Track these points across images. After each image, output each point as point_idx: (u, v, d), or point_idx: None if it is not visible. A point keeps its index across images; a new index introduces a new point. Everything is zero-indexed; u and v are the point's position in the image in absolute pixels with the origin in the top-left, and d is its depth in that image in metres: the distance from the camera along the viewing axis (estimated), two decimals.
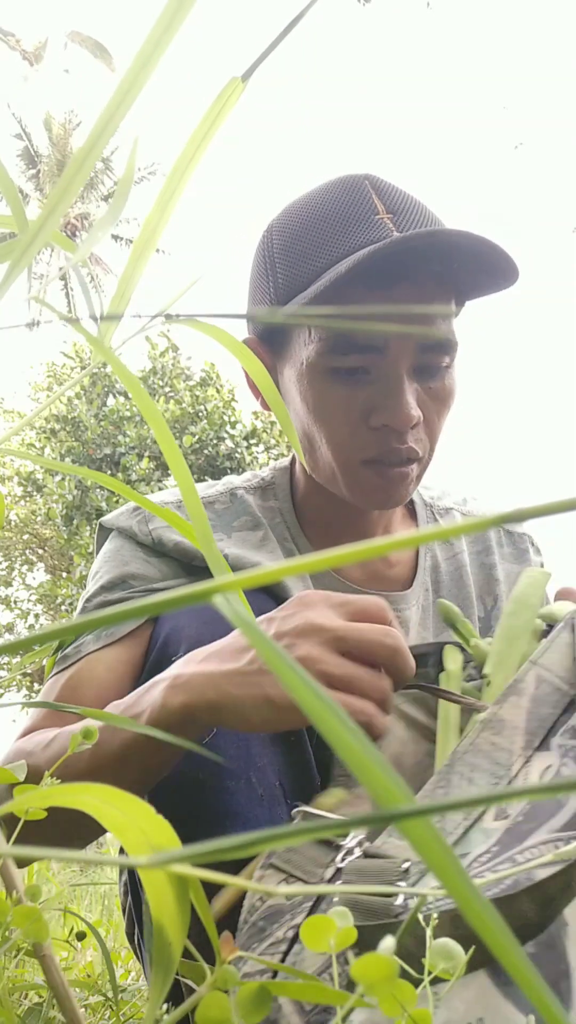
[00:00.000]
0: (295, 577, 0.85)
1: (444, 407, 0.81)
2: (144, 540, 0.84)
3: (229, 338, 0.41)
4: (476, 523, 0.17)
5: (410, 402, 0.77)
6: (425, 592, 0.92)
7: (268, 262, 0.83)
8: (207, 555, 0.28)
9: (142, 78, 0.28)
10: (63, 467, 0.41)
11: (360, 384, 0.78)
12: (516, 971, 0.14)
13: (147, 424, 6.13)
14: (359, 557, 0.17)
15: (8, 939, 0.39)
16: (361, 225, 0.77)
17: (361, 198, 0.79)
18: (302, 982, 0.33)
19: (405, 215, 0.78)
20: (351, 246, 0.76)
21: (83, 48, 21.35)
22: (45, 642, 0.19)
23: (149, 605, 0.18)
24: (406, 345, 0.76)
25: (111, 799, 0.26)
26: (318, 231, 0.79)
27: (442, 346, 0.78)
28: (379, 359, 0.77)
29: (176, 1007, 0.41)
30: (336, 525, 0.90)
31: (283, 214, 0.84)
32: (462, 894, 0.14)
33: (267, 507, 0.91)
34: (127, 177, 0.36)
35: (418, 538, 0.17)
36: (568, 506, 0.17)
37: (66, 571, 10.70)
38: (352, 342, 0.76)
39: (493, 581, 0.95)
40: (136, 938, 0.82)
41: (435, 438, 0.82)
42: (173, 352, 10.65)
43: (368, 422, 0.78)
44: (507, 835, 0.46)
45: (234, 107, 0.36)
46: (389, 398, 0.77)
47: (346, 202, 0.79)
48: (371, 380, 0.78)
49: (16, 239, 0.30)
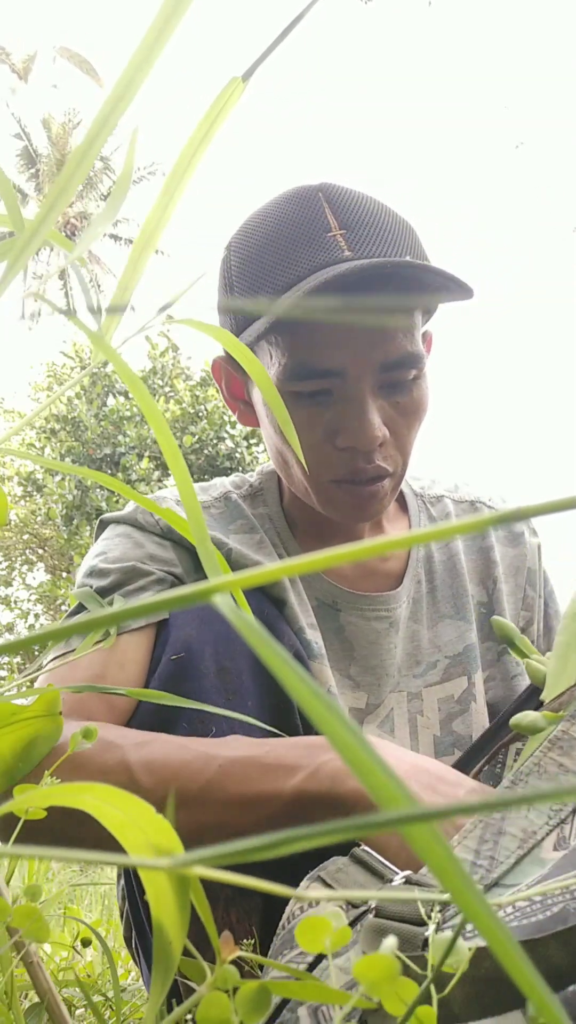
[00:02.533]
0: (286, 580, 0.85)
1: (415, 420, 0.80)
2: (153, 529, 0.84)
3: (229, 338, 0.41)
4: (475, 523, 0.17)
5: (373, 423, 0.76)
6: (417, 584, 0.92)
7: (228, 282, 0.82)
8: (202, 554, 0.28)
9: (141, 74, 0.28)
10: (63, 467, 0.41)
11: (324, 406, 0.77)
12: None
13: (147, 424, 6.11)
14: (352, 558, 0.17)
15: (8, 939, 0.39)
16: (312, 245, 0.75)
17: (313, 214, 0.77)
18: (303, 983, 0.33)
19: (358, 229, 0.76)
20: (303, 269, 0.75)
21: (71, 64, 21.41)
22: (45, 642, 0.19)
23: (151, 604, 0.18)
24: (365, 365, 0.75)
25: (111, 799, 0.26)
26: (270, 252, 0.78)
27: (404, 361, 0.77)
28: (340, 381, 0.76)
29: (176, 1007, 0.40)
30: (325, 527, 0.90)
31: (240, 231, 0.83)
32: (462, 897, 0.14)
33: (257, 514, 0.91)
34: (126, 171, 0.36)
35: (411, 539, 0.17)
36: (568, 505, 0.17)
37: (66, 571, 10.70)
38: (310, 367, 0.76)
39: (492, 564, 0.95)
40: (134, 943, 0.82)
41: (407, 452, 0.81)
42: (173, 352, 10.65)
43: (334, 443, 0.78)
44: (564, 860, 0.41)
45: (235, 107, 0.36)
46: (352, 420, 0.76)
47: (298, 219, 0.77)
48: (334, 402, 0.77)
49: (14, 238, 0.30)
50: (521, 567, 0.96)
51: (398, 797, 0.15)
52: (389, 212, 0.80)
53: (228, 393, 0.90)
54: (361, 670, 0.87)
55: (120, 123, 0.29)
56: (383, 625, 0.88)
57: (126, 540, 0.83)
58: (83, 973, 0.95)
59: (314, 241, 0.76)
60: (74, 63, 21.39)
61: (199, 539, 0.29)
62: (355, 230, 0.76)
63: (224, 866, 0.19)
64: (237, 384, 0.88)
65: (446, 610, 0.91)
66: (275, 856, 0.17)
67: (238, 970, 0.31)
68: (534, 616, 0.96)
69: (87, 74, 21.26)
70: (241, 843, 0.16)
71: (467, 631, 0.90)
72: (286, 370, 0.76)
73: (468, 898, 0.14)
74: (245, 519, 0.89)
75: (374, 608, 0.88)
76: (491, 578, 0.94)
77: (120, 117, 0.28)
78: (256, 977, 0.44)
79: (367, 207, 0.79)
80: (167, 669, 0.73)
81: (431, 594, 0.92)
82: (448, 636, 0.90)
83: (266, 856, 0.16)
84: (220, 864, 0.17)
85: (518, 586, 0.96)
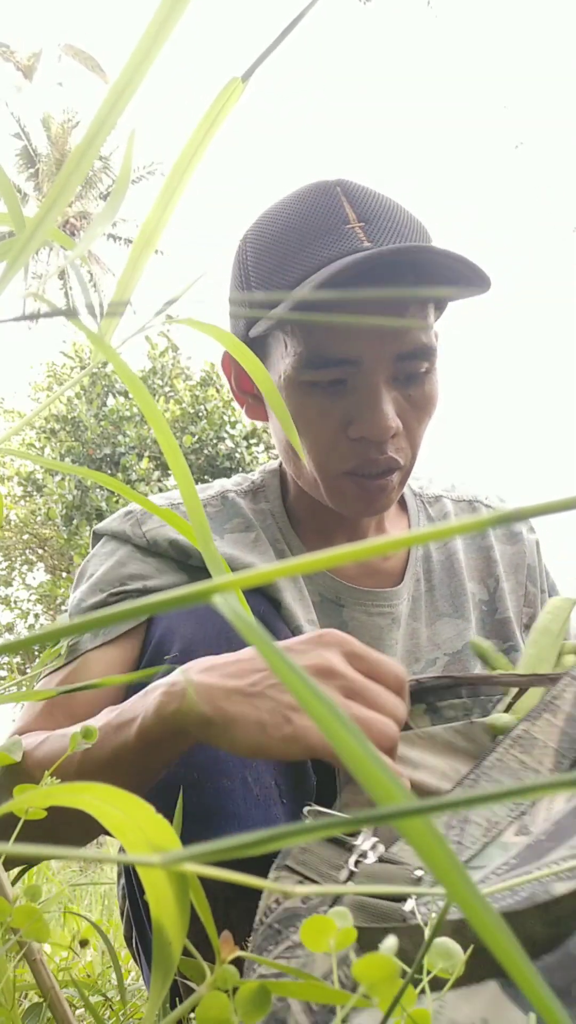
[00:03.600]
0: (287, 578, 0.85)
1: (425, 414, 0.80)
2: (139, 543, 0.84)
3: (229, 338, 0.41)
4: (475, 523, 0.17)
5: (388, 413, 0.76)
6: (416, 583, 0.92)
7: (243, 275, 0.82)
8: (206, 555, 0.28)
9: (140, 73, 0.28)
10: (63, 467, 0.41)
11: (338, 396, 0.77)
12: (517, 973, 0.13)
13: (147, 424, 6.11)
14: (352, 558, 0.17)
15: (8, 940, 0.39)
16: (331, 236, 0.76)
17: (332, 206, 0.77)
18: (303, 982, 0.33)
19: (376, 222, 0.76)
20: (321, 259, 0.75)
21: (76, 61, 21.40)
22: (45, 642, 0.19)
23: (147, 605, 0.18)
24: (381, 355, 0.76)
25: (111, 799, 0.26)
26: (288, 243, 0.78)
27: (419, 353, 0.77)
28: (354, 371, 0.76)
29: (176, 1006, 0.40)
30: (328, 524, 0.90)
31: (256, 224, 0.84)
32: (459, 892, 0.14)
33: (258, 510, 0.91)
34: (125, 171, 0.36)
35: (412, 539, 0.17)
36: (568, 505, 0.17)
37: (66, 571, 10.70)
38: (326, 356, 0.76)
39: (492, 563, 0.95)
40: (135, 942, 0.82)
41: (417, 445, 0.81)
42: (173, 352, 10.65)
43: (347, 433, 0.78)
44: (527, 850, 0.44)
45: (234, 107, 0.36)
46: (367, 410, 0.76)
47: (317, 211, 0.78)
48: (348, 392, 0.77)
49: (14, 237, 0.30)
50: (521, 564, 0.97)
51: (395, 793, 0.15)
52: (403, 209, 0.80)
53: (237, 387, 0.90)
54: None
55: (119, 123, 0.29)
56: (386, 621, 0.88)
57: (110, 559, 0.84)
58: (83, 973, 0.95)
59: (333, 232, 0.76)
60: (79, 60, 21.37)
61: (202, 539, 0.29)
62: (373, 223, 0.76)
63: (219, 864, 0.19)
64: (246, 377, 0.88)
65: (444, 608, 0.92)
66: (268, 851, 0.17)
67: (238, 970, 0.31)
68: (536, 611, 0.96)
69: (93, 71, 21.24)
70: (234, 839, 0.16)
71: (465, 629, 0.90)
72: (302, 359, 0.76)
73: (452, 877, 0.14)
74: (241, 517, 0.89)
75: (377, 604, 0.88)
76: (492, 576, 0.95)
77: (119, 116, 0.28)
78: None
79: (384, 202, 0.79)
80: (164, 670, 0.73)
81: (429, 593, 0.92)
82: (447, 634, 0.90)
83: (260, 851, 0.16)
84: (214, 860, 0.17)
85: (519, 583, 0.96)
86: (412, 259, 0.73)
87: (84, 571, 0.86)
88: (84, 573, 0.86)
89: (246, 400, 0.90)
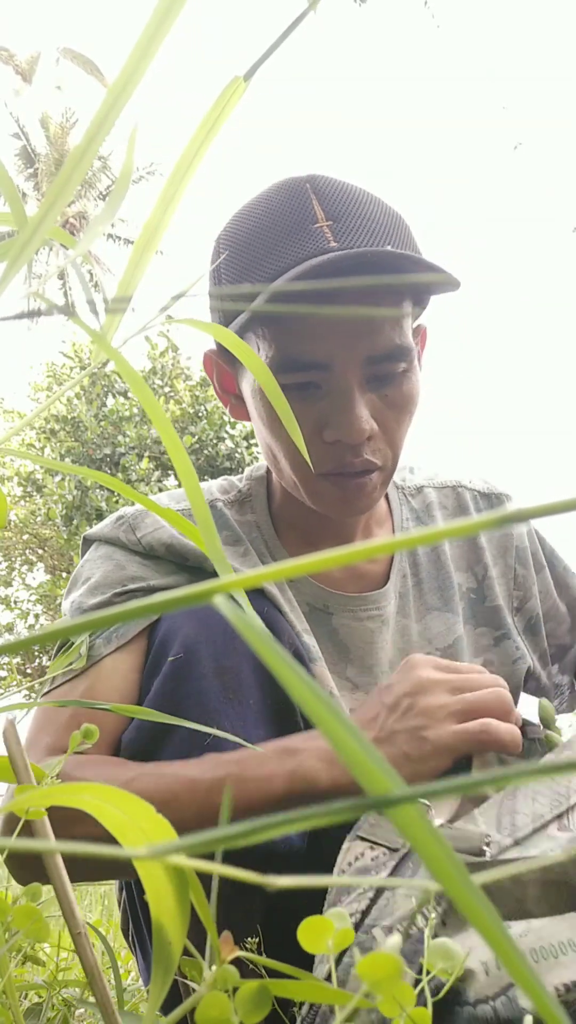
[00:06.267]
0: (275, 589, 0.84)
1: (404, 413, 0.79)
2: (135, 548, 0.83)
3: (229, 335, 0.41)
4: (475, 523, 0.17)
5: (361, 416, 0.75)
6: (403, 579, 0.92)
7: (217, 276, 0.82)
8: (211, 553, 0.28)
9: (138, 73, 0.28)
10: (63, 467, 0.41)
11: (311, 399, 0.77)
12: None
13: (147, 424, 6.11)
14: (338, 563, 0.17)
15: (8, 940, 0.39)
16: (298, 236, 0.75)
17: (300, 205, 0.76)
18: (302, 982, 0.33)
19: (345, 220, 0.75)
20: (288, 260, 0.74)
21: (75, 65, 21.40)
22: (45, 642, 0.19)
23: (154, 604, 0.18)
24: (351, 358, 0.75)
25: (111, 799, 0.26)
26: (257, 244, 0.77)
27: (392, 355, 0.76)
28: (325, 374, 0.75)
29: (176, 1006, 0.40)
30: (314, 529, 0.89)
31: (228, 225, 0.83)
32: (443, 872, 0.14)
33: (244, 521, 0.90)
34: (125, 171, 0.36)
35: (399, 543, 0.17)
36: (568, 506, 0.17)
37: (66, 571, 10.69)
38: (295, 359, 0.75)
39: (479, 549, 0.95)
40: (131, 932, 0.83)
41: (397, 445, 0.80)
42: (173, 352, 10.65)
43: (322, 436, 0.77)
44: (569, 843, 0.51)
45: (236, 107, 0.36)
46: (339, 413, 0.75)
47: (285, 210, 0.77)
48: (323, 395, 0.76)
49: (14, 237, 0.30)
50: (509, 547, 0.96)
51: (384, 781, 0.15)
52: (378, 203, 0.79)
53: (220, 387, 0.89)
54: (357, 671, 0.86)
55: (119, 123, 0.29)
56: (375, 624, 0.88)
57: (107, 562, 0.83)
58: (83, 974, 0.94)
59: (300, 232, 0.75)
60: (78, 64, 21.39)
61: (208, 538, 0.29)
62: (342, 221, 0.75)
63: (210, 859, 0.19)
64: (228, 378, 0.88)
65: (433, 602, 0.91)
66: (263, 840, 0.17)
67: (239, 970, 0.31)
68: (528, 594, 0.95)
69: (91, 75, 21.25)
70: (227, 829, 0.16)
71: (455, 623, 0.90)
72: (272, 362, 0.76)
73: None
74: (230, 530, 0.88)
75: (365, 608, 0.88)
76: (480, 563, 0.94)
77: (118, 116, 0.28)
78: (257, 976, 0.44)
79: (356, 198, 0.78)
80: (166, 670, 0.73)
81: (417, 587, 0.92)
82: (437, 628, 0.90)
83: (253, 841, 0.16)
84: (206, 852, 0.17)
85: (508, 567, 0.95)
86: (375, 261, 0.72)
87: (78, 577, 0.85)
88: (79, 578, 0.85)
89: (229, 400, 0.89)
